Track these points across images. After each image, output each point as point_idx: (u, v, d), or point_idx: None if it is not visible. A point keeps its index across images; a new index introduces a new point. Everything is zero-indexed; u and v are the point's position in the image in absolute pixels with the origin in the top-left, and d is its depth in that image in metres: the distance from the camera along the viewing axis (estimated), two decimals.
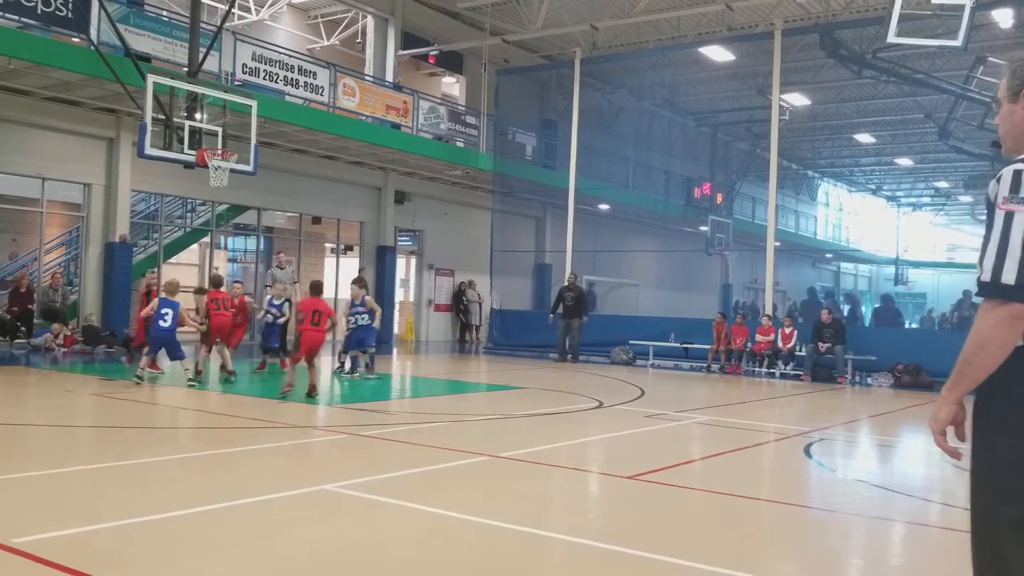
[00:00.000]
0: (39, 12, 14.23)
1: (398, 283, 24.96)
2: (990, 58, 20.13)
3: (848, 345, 16.28)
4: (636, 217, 29.60)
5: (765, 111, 22.17)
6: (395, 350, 21.59)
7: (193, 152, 14.50)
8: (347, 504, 5.64)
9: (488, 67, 24.60)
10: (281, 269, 15.83)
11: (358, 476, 6.44)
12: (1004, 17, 19.52)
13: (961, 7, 15.34)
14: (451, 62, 26.22)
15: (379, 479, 6.41)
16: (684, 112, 30.73)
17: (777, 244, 20.01)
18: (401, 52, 23.86)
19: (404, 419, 9.81)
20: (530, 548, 4.89)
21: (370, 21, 23.80)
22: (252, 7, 23.10)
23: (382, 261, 23.36)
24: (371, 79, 22.13)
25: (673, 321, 20.15)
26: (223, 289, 13.32)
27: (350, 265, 23.95)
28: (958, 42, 15.81)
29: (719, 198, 29.25)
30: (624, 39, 23.63)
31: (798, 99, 26.92)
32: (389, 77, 23.29)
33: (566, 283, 19.82)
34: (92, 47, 14.75)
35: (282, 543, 4.70)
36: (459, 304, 25.56)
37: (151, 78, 14.06)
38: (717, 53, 22.71)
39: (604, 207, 27.69)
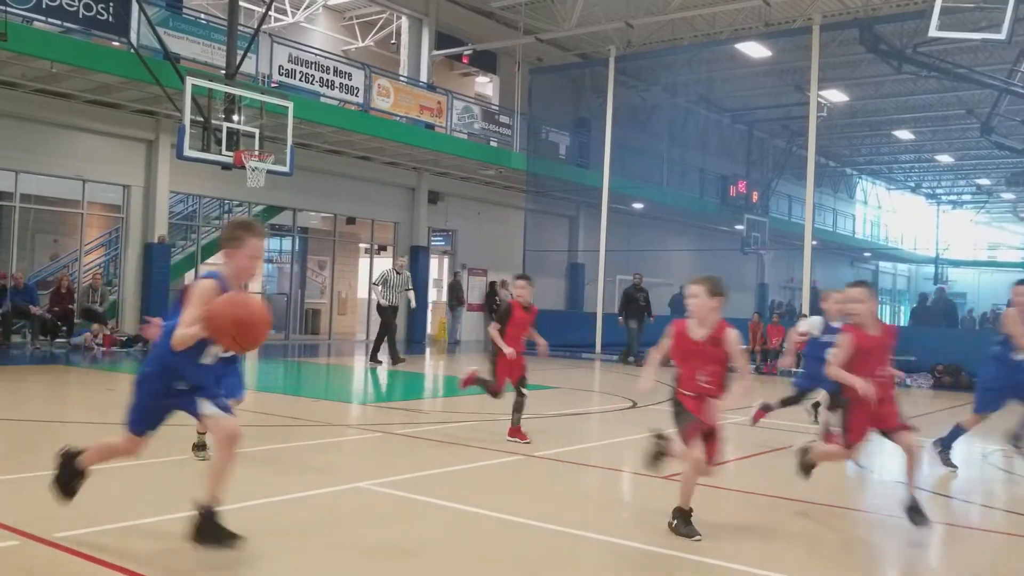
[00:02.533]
0: (80, 16, 14.50)
1: (431, 283, 25.03)
2: None
3: None
4: (671, 216, 29.39)
5: (802, 107, 21.94)
6: (428, 350, 21.67)
7: (231, 153, 14.68)
8: (381, 502, 5.66)
9: (522, 66, 24.58)
10: (399, 274, 15.98)
11: (392, 475, 6.46)
12: None
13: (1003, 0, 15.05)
14: (485, 62, 26.24)
15: (412, 477, 6.42)
16: (720, 109, 30.44)
17: (814, 243, 19.74)
18: (435, 52, 23.94)
19: (437, 418, 9.83)
20: (564, 547, 4.86)
21: (404, 22, 23.91)
22: (288, 10, 23.32)
23: (415, 261, 23.44)
24: (405, 80, 22.24)
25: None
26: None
27: (383, 265, 24.07)
28: (1002, 35, 15.49)
29: (755, 196, 28.97)
30: (659, 36, 23.48)
31: (836, 95, 26.53)
32: (423, 77, 23.38)
33: (633, 283, 19.41)
34: (132, 50, 14.99)
35: (317, 541, 4.73)
36: (492, 304, 25.58)
37: (189, 80, 14.27)
38: (753, 49, 22.47)
39: (638, 206, 27.54)
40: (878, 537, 5.58)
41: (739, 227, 28.04)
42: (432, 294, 25.22)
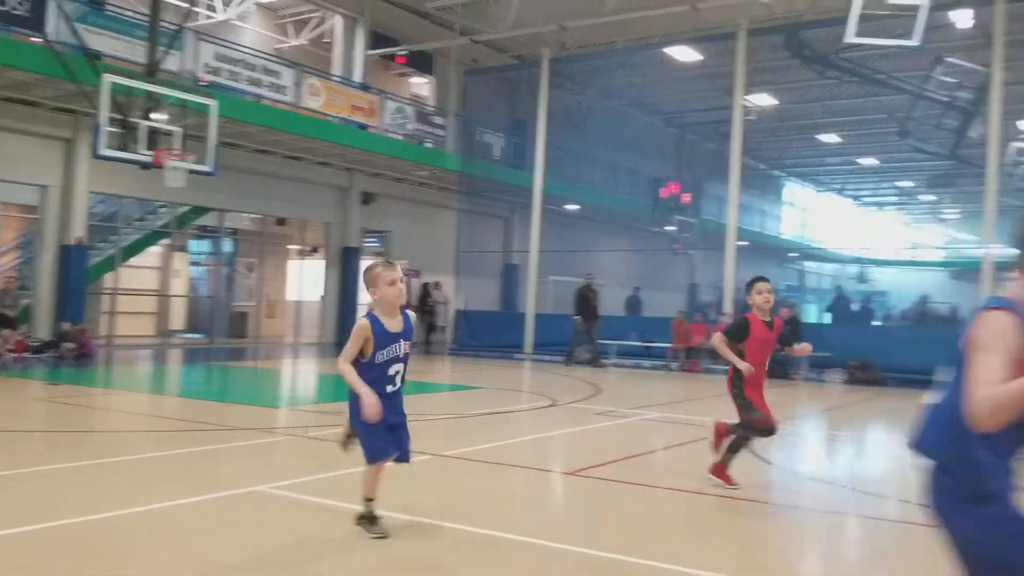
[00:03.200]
0: None
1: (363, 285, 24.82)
2: (948, 58, 20.37)
3: (803, 342, 16.42)
4: (605, 217, 29.67)
5: (732, 111, 22.33)
6: None
7: (150, 153, 14.41)
8: (279, 505, 5.63)
9: (457, 67, 24.55)
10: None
11: (295, 477, 6.44)
12: (962, 18, 19.71)
13: (917, 7, 15.55)
14: (421, 62, 26.16)
15: (316, 479, 6.41)
16: (653, 112, 30.83)
17: (744, 243, 20.15)
18: (369, 52, 23.79)
19: None
20: (464, 545, 4.90)
21: (338, 21, 23.70)
22: (219, 6, 22.94)
23: (347, 263, 23.28)
24: (338, 79, 22.07)
25: (636, 320, 20.26)
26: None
27: (314, 267, 23.87)
28: (915, 41, 16.00)
29: (686, 198, 29.35)
30: (593, 39, 23.64)
31: (765, 99, 27.07)
32: (357, 77, 23.22)
33: (587, 284, 19.30)
34: (49, 46, 14.62)
35: (210, 545, 4.69)
36: (424, 305, 25.50)
37: (107, 77, 13.96)
38: (684, 54, 22.80)
39: (573, 207, 27.75)
40: (774, 526, 5.73)
41: (670, 228, 28.42)
42: (365, 296, 25.02)
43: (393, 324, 4.87)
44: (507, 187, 25.23)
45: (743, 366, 6.23)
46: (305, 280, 23.77)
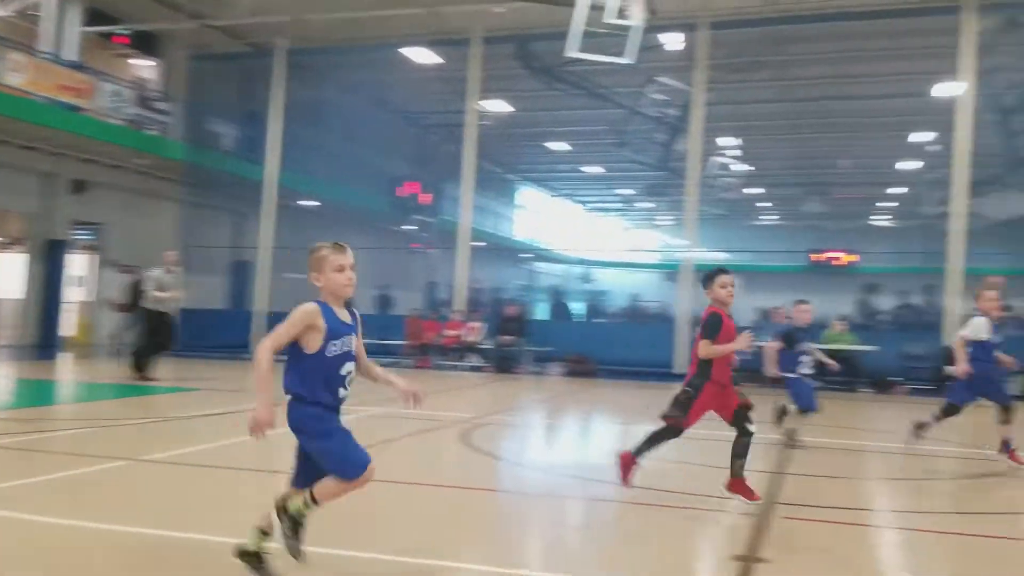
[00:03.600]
0: None
1: (73, 281, 22.60)
2: (658, 78, 22.34)
3: (529, 338, 17.38)
4: (345, 214, 29.35)
5: (470, 115, 23.02)
6: (65, 354, 19.74)
7: None
8: None
9: (186, 51, 23.15)
10: (171, 273, 13.83)
11: None
12: (672, 41, 21.64)
13: (631, 28, 16.87)
14: (146, 44, 24.38)
15: None
16: (394, 111, 30.97)
17: (480, 244, 20.83)
18: (85, 28, 21.78)
19: (48, 425, 8.99)
20: (163, 551, 4.68)
21: None
22: None
23: (53, 257, 21.18)
24: (46, 56, 20.01)
25: (376, 318, 20.32)
26: None
27: (14, 262, 21.49)
28: (628, 59, 17.36)
29: (425, 197, 29.87)
30: (333, 34, 23.27)
31: (502, 106, 28.08)
32: (70, 55, 21.16)
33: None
34: None
35: None
36: (139, 302, 23.66)
37: None
38: (424, 56, 23.09)
39: (312, 203, 27.16)
40: (518, 515, 5.96)
41: (409, 227, 28.78)
42: (74, 293, 22.85)
43: (342, 316, 4.11)
44: (239, 180, 24.19)
45: (743, 343, 5.87)
46: (2, 275, 21.35)
